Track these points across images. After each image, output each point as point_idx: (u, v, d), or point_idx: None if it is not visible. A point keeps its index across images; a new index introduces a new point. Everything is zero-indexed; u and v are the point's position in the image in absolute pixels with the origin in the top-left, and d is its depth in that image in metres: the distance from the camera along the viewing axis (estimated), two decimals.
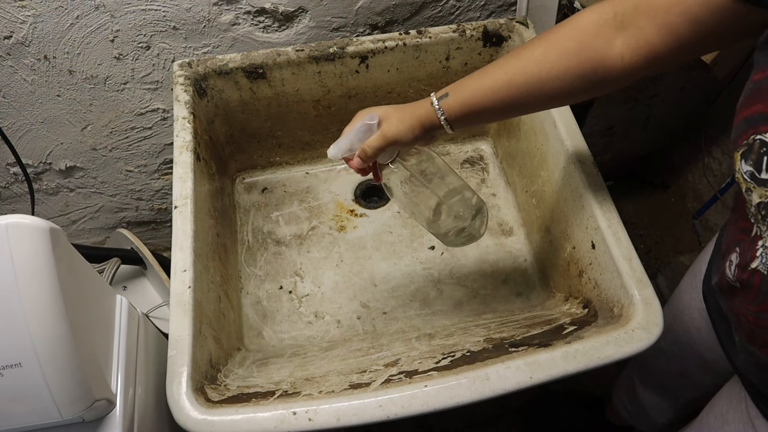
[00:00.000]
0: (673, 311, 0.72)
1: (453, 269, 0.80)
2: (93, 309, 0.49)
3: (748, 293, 0.41)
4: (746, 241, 0.41)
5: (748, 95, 0.37)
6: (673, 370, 0.77)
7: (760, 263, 0.39)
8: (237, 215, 0.86)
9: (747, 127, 0.36)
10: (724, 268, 0.45)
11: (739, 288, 0.43)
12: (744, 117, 0.37)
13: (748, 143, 0.36)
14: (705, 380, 0.73)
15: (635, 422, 0.95)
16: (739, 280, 0.42)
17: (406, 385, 0.50)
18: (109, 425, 0.48)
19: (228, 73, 0.74)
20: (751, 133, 0.36)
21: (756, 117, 0.35)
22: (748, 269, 0.40)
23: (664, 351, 0.76)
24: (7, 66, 0.74)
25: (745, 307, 0.42)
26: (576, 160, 0.65)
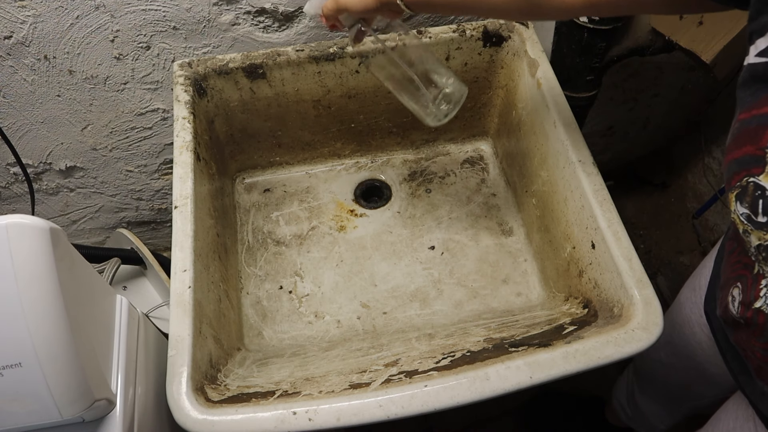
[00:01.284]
0: (673, 324, 0.71)
1: (453, 269, 0.80)
2: (93, 309, 0.49)
3: (754, 330, 0.41)
4: (749, 278, 0.40)
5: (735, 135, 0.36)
6: (673, 381, 0.76)
7: (764, 303, 0.38)
8: (237, 215, 0.86)
9: (739, 168, 0.36)
10: (727, 302, 0.45)
11: (743, 324, 0.42)
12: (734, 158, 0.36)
13: (742, 185, 0.36)
14: (706, 392, 0.72)
15: (634, 425, 0.95)
16: (743, 318, 0.42)
17: (406, 385, 0.50)
18: (109, 425, 0.48)
19: (228, 73, 0.74)
20: (744, 174, 0.35)
21: (747, 159, 0.35)
22: (752, 308, 0.40)
23: (664, 362, 0.75)
24: (7, 66, 0.74)
25: (752, 343, 0.42)
26: (576, 160, 0.65)
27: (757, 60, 0.34)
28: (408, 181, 0.89)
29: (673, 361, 0.73)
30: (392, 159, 0.92)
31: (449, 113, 0.62)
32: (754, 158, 0.34)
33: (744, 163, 0.35)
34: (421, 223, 0.84)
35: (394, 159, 0.92)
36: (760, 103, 0.34)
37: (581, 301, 0.65)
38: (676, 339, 0.71)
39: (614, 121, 1.08)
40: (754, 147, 0.34)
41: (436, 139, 0.92)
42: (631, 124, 1.11)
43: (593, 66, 0.77)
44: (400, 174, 0.90)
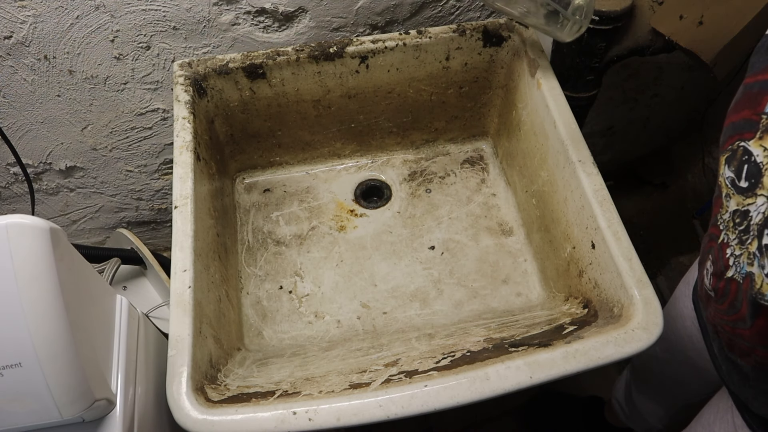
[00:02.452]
0: (668, 318, 0.71)
1: (453, 269, 0.80)
2: (93, 309, 0.49)
3: (722, 303, 0.41)
4: (715, 249, 0.41)
5: (738, 99, 0.37)
6: (667, 376, 0.77)
7: (735, 272, 0.38)
8: (237, 215, 0.86)
9: (734, 132, 0.36)
10: (702, 276, 0.45)
11: (713, 297, 0.42)
12: (732, 122, 0.37)
13: (733, 149, 0.36)
14: (699, 388, 0.73)
15: (632, 424, 0.96)
16: (714, 289, 0.42)
17: (406, 385, 0.50)
18: (109, 425, 0.48)
19: (228, 73, 0.74)
20: (737, 138, 0.36)
21: (743, 123, 0.35)
22: (724, 278, 0.40)
23: (659, 358, 0.76)
24: (7, 66, 0.74)
25: (720, 317, 0.42)
26: (576, 160, 0.65)
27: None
28: (408, 181, 0.89)
29: (667, 357, 0.74)
30: (392, 159, 0.92)
31: (583, 27, 0.58)
32: (749, 123, 0.34)
33: (739, 127, 0.35)
34: (421, 223, 0.84)
35: (394, 159, 0.92)
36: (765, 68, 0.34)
37: (581, 301, 0.65)
38: (670, 333, 0.71)
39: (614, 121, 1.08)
40: (751, 112, 0.34)
41: (436, 139, 0.92)
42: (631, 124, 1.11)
43: (593, 66, 0.77)
44: (400, 174, 0.90)
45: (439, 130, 0.90)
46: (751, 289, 0.36)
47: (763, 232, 0.34)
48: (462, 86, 0.83)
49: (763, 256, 0.34)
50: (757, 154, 0.34)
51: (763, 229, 0.34)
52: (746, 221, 0.35)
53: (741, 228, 0.36)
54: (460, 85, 0.83)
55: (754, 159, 0.34)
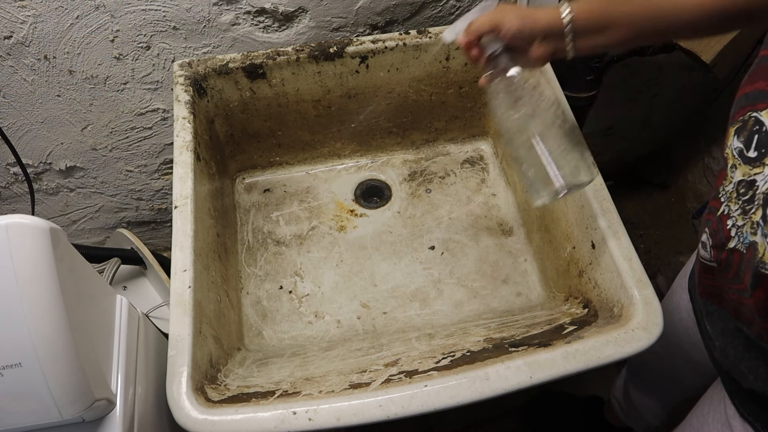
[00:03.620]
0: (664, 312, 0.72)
1: (453, 269, 0.80)
2: (93, 309, 0.49)
3: (727, 273, 0.41)
4: (714, 221, 0.41)
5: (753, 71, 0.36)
6: (663, 371, 0.77)
7: (738, 242, 0.38)
8: (237, 215, 0.86)
9: (746, 103, 0.36)
10: (699, 249, 0.45)
11: (717, 268, 0.42)
12: (745, 93, 0.36)
13: (744, 119, 0.36)
14: (694, 383, 0.73)
15: (631, 423, 0.96)
16: (717, 261, 0.42)
17: (406, 385, 0.50)
18: (109, 425, 0.48)
19: (228, 73, 0.74)
20: (749, 109, 0.35)
21: (756, 94, 0.35)
22: (726, 249, 0.40)
23: (655, 353, 0.76)
24: (7, 66, 0.74)
25: (727, 286, 0.42)
26: None
27: None
28: (408, 181, 0.89)
29: (663, 351, 0.74)
30: (392, 159, 0.92)
31: (556, 198, 0.54)
32: (763, 93, 0.34)
33: (752, 98, 0.35)
34: (421, 223, 0.84)
35: (394, 159, 0.92)
36: None
37: (581, 301, 0.65)
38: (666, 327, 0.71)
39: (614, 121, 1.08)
40: (766, 83, 0.34)
41: (436, 140, 0.92)
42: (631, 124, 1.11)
43: (593, 66, 0.77)
44: (400, 174, 0.90)
45: (439, 130, 0.90)
46: (754, 258, 0.35)
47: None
48: (462, 86, 0.83)
49: (767, 224, 0.34)
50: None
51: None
52: (752, 191, 0.35)
53: (745, 198, 0.36)
54: (460, 85, 0.83)
55: (765, 129, 0.34)
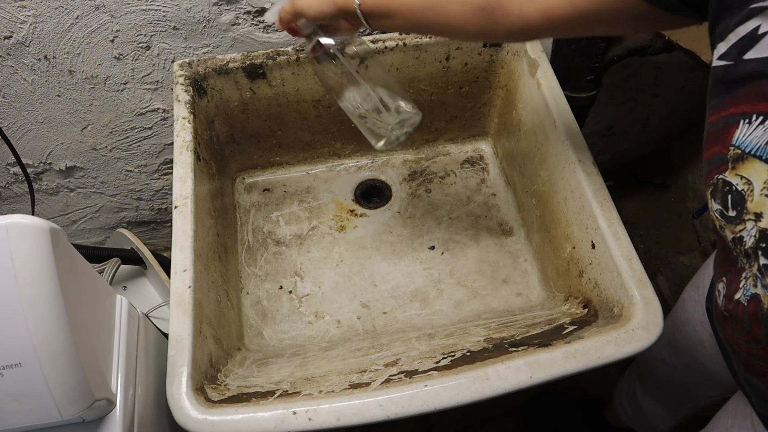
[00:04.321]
0: (676, 322, 0.71)
1: (453, 269, 0.80)
2: (93, 309, 0.49)
3: (735, 323, 0.42)
4: (733, 272, 0.42)
5: (706, 137, 0.38)
6: (676, 380, 0.76)
7: (741, 295, 0.39)
8: (237, 215, 0.86)
9: (710, 167, 0.37)
10: (716, 296, 0.46)
11: (728, 318, 0.43)
12: (707, 158, 0.38)
13: (714, 183, 0.37)
14: (708, 392, 0.72)
15: (635, 425, 0.95)
16: (726, 310, 0.43)
17: (406, 385, 0.50)
18: (109, 425, 0.48)
19: (228, 73, 0.74)
20: (715, 173, 0.37)
21: (715, 158, 0.37)
22: (733, 300, 0.41)
23: (667, 362, 0.75)
24: (7, 66, 0.74)
25: (736, 336, 0.43)
26: (576, 160, 0.65)
27: (718, 63, 0.36)
28: (408, 181, 0.89)
29: (675, 361, 0.73)
30: (392, 159, 0.92)
31: (401, 139, 0.61)
32: (720, 157, 0.36)
33: (713, 162, 0.37)
34: (421, 223, 0.84)
35: (394, 159, 0.92)
36: (725, 104, 0.36)
37: (581, 301, 0.65)
38: (678, 338, 0.71)
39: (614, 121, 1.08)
40: (720, 146, 0.36)
41: (436, 139, 0.92)
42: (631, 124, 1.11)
43: (593, 66, 0.77)
44: (400, 174, 0.90)
45: (439, 130, 0.90)
46: (760, 310, 0.36)
47: (758, 253, 0.35)
48: (462, 86, 0.83)
49: (764, 276, 0.35)
50: (736, 183, 0.35)
51: (758, 251, 0.35)
52: (743, 246, 0.37)
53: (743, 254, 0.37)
54: (460, 85, 0.83)
55: (735, 188, 0.35)
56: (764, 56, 0.32)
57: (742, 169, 0.34)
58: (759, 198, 0.34)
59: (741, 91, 0.34)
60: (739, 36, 0.34)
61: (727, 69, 0.35)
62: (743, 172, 0.34)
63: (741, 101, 0.34)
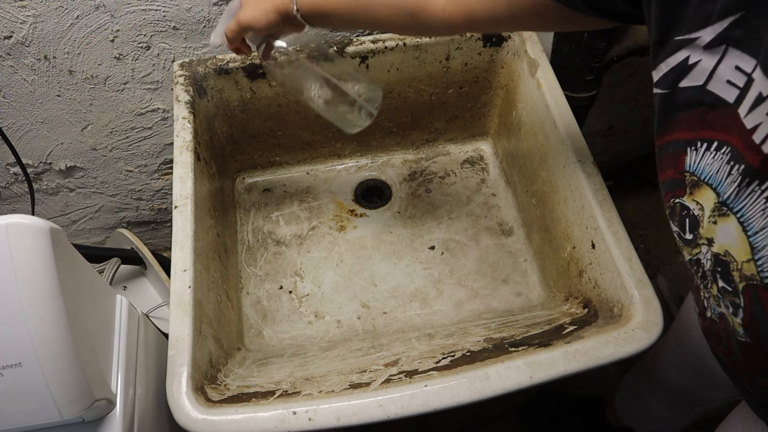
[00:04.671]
0: (683, 327, 0.71)
1: (453, 269, 0.80)
2: (93, 309, 0.49)
3: (712, 338, 0.43)
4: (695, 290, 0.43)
5: (658, 160, 0.39)
6: (685, 384, 0.76)
7: (711, 312, 0.40)
8: (237, 215, 0.86)
9: (667, 190, 0.38)
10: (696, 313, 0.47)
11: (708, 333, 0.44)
12: (663, 182, 0.39)
13: (671, 206, 0.38)
14: (717, 395, 0.72)
15: (638, 427, 0.95)
16: (704, 328, 0.44)
17: (406, 385, 0.50)
18: (109, 425, 0.48)
19: (228, 73, 0.74)
20: (671, 196, 0.38)
21: (671, 182, 0.37)
22: (707, 318, 0.42)
23: (676, 365, 0.75)
24: (7, 66, 0.74)
25: (718, 349, 0.43)
26: (576, 160, 0.65)
27: (655, 91, 0.37)
28: (408, 181, 0.89)
29: (684, 365, 0.73)
30: (392, 159, 0.92)
31: (372, 114, 0.62)
32: (675, 182, 0.37)
33: (669, 186, 0.38)
34: (421, 223, 0.84)
35: (394, 159, 0.92)
36: (668, 129, 0.36)
37: (581, 301, 0.65)
38: (685, 342, 0.71)
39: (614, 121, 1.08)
40: (674, 171, 0.37)
41: (436, 139, 0.92)
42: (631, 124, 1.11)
43: (593, 66, 0.77)
44: (400, 174, 0.90)
45: (439, 130, 0.90)
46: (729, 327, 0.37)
47: (716, 276, 0.36)
48: (462, 86, 0.83)
49: (724, 298, 0.36)
50: (692, 207, 0.36)
51: (715, 273, 0.36)
52: (701, 268, 0.38)
53: (700, 274, 0.39)
54: (460, 85, 0.83)
55: (692, 212, 0.36)
56: (698, 84, 0.33)
57: (698, 195, 0.35)
58: (708, 225, 0.35)
59: (682, 117, 0.35)
60: (670, 66, 0.35)
61: (665, 96, 0.36)
62: (698, 198, 0.35)
63: (683, 127, 0.35)
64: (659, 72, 0.36)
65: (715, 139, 0.33)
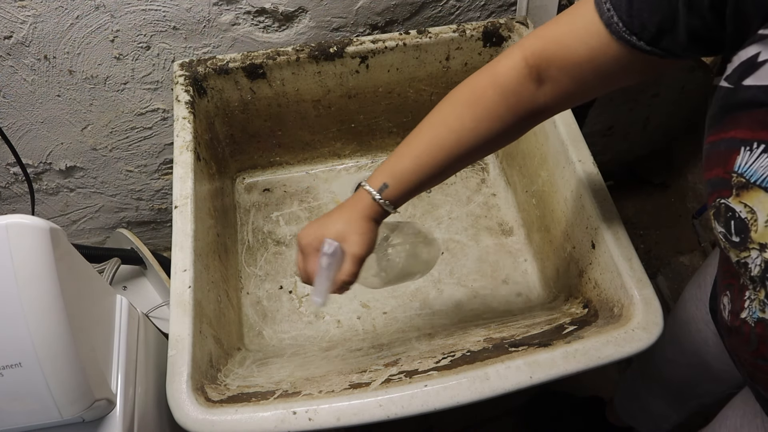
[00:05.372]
0: (678, 322, 0.71)
1: (453, 269, 0.80)
2: (93, 309, 0.49)
3: (741, 338, 0.42)
4: (735, 287, 0.41)
5: (708, 156, 0.38)
6: (681, 379, 0.76)
7: (747, 315, 0.39)
8: (237, 215, 0.86)
9: (712, 189, 0.37)
10: (720, 309, 0.46)
11: (734, 332, 0.43)
12: (708, 179, 0.38)
13: (716, 206, 0.37)
14: (713, 389, 0.72)
15: (637, 425, 0.95)
16: (733, 326, 0.42)
17: (406, 385, 0.50)
18: (109, 425, 0.48)
19: (228, 73, 0.74)
20: (716, 196, 0.37)
21: (717, 181, 0.36)
22: (739, 318, 0.41)
23: (671, 360, 0.75)
24: (7, 66, 0.74)
25: (742, 349, 0.43)
26: (576, 160, 0.65)
27: (723, 84, 0.36)
28: None
29: (679, 359, 0.73)
30: None
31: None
32: (722, 181, 0.36)
33: (715, 185, 0.37)
34: (421, 223, 0.84)
35: None
36: (725, 126, 0.35)
37: (581, 301, 0.65)
38: (681, 336, 0.71)
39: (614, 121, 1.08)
40: (722, 170, 0.35)
41: None
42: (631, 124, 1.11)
43: None
44: None
45: None
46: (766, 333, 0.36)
47: (765, 281, 0.35)
48: None
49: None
50: (739, 210, 0.35)
51: (764, 280, 0.34)
52: (748, 272, 0.36)
53: (749, 276, 0.37)
54: None
55: (738, 215, 0.35)
56: (763, 84, 0.32)
57: (746, 197, 0.34)
58: (763, 229, 0.33)
59: (741, 116, 0.34)
60: (741, 60, 0.34)
61: (728, 92, 0.35)
62: (747, 201, 0.34)
63: (741, 126, 0.34)
64: (732, 65, 0.35)
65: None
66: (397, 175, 0.50)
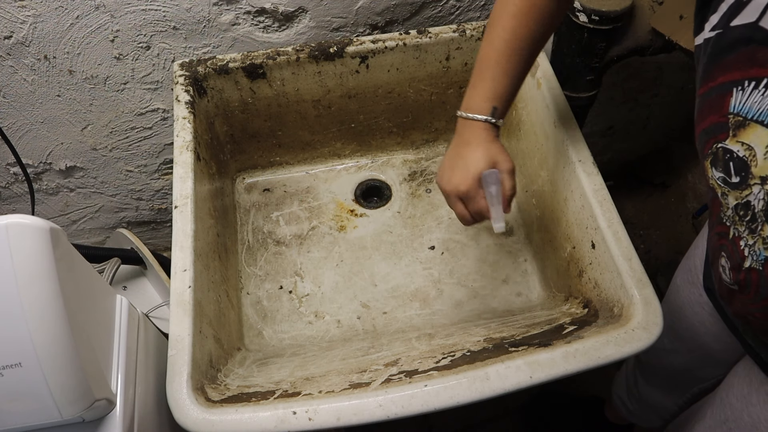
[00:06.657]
0: (672, 309, 0.71)
1: (453, 269, 0.80)
2: (93, 309, 0.49)
3: (747, 294, 0.42)
4: (728, 244, 0.42)
5: (699, 108, 0.39)
6: (679, 366, 0.77)
7: (752, 261, 0.39)
8: (237, 215, 0.86)
9: (708, 137, 0.38)
10: (719, 274, 0.46)
11: (737, 291, 0.43)
12: (702, 129, 0.39)
13: (713, 152, 0.38)
14: (712, 372, 0.73)
15: (637, 420, 0.95)
16: (737, 282, 0.43)
17: (406, 385, 0.50)
18: (109, 425, 0.48)
19: (228, 72, 0.74)
20: (713, 142, 0.38)
21: (713, 128, 0.37)
22: (743, 269, 0.41)
23: (668, 349, 0.76)
24: (7, 66, 0.74)
25: (749, 307, 0.43)
26: (576, 160, 0.65)
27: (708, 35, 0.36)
28: (408, 181, 0.89)
29: (677, 346, 0.73)
30: (392, 159, 0.92)
31: None
32: (718, 126, 0.37)
33: (711, 132, 0.38)
34: (421, 223, 0.84)
35: (394, 159, 0.92)
36: (713, 75, 0.36)
37: (581, 300, 0.65)
38: (677, 323, 0.71)
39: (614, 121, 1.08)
40: (717, 115, 0.37)
41: (436, 139, 0.92)
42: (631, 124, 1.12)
43: (593, 66, 0.77)
44: (400, 174, 0.90)
45: (439, 130, 0.90)
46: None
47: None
48: (462, 86, 0.83)
49: None
50: (737, 150, 0.36)
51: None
52: (750, 211, 0.37)
53: (747, 218, 0.38)
54: (460, 85, 0.83)
55: (736, 155, 0.36)
56: (750, 21, 0.33)
57: (743, 135, 0.35)
58: (763, 162, 0.34)
59: (728, 58, 0.35)
60: (729, 4, 0.34)
61: (716, 38, 0.36)
62: (744, 139, 0.35)
63: (729, 69, 0.35)
64: (719, 13, 0.35)
65: (765, 77, 0.33)
66: (499, 96, 0.55)
